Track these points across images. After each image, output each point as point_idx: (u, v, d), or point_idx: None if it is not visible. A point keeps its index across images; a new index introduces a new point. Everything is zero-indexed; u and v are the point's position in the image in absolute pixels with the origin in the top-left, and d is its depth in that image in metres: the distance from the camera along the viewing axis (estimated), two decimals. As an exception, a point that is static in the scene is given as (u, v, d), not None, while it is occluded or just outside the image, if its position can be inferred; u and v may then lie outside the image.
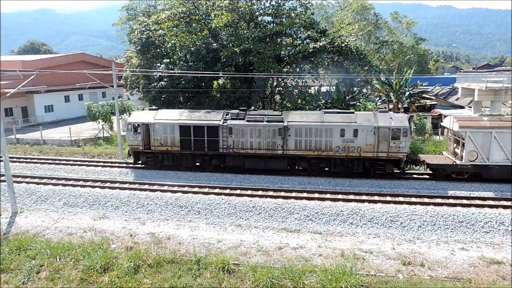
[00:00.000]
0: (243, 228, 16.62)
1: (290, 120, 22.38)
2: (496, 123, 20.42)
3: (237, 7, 31.57)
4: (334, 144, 21.67)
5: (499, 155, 20.18)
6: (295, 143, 22.15)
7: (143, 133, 23.89)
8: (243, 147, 22.83)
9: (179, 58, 32.79)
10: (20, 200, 19.54)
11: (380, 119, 21.57)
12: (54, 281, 13.41)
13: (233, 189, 20.01)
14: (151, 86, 31.94)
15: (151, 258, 14.13)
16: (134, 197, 19.26)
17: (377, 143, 21.18)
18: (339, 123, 21.70)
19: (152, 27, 34.17)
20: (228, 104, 30.69)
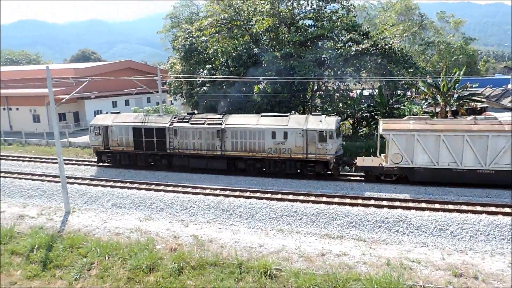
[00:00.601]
0: (285, 233, 16.51)
1: (228, 123, 23.64)
2: (419, 126, 20.45)
3: (278, 12, 31.69)
4: (267, 145, 22.66)
5: (423, 158, 20.28)
6: (232, 144, 23.40)
7: (103, 135, 26.06)
8: (187, 148, 24.47)
9: (220, 63, 33.38)
10: (73, 200, 20.61)
11: (310, 122, 22.22)
12: (104, 279, 13.99)
13: (274, 194, 19.98)
14: (193, 91, 32.73)
15: (194, 260, 14.39)
16: (178, 200, 19.73)
17: (306, 145, 21.87)
18: (271, 126, 22.65)
19: (195, 34, 35.08)
20: (268, 108, 30.79)
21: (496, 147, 19.34)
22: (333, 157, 21.77)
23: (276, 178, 22.95)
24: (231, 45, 33.23)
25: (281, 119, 22.96)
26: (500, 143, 19.30)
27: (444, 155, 20.01)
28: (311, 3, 32.68)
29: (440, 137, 19.87)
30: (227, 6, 33.21)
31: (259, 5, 32.43)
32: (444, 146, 19.89)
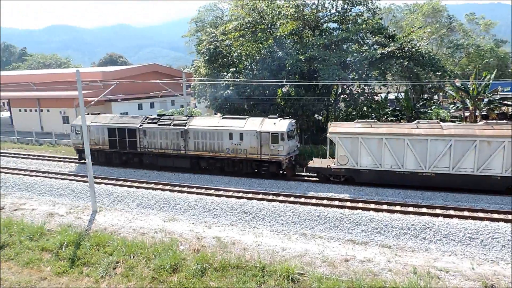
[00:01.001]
0: (308, 237, 16.37)
1: (191, 124, 25.16)
2: (363, 130, 21.23)
3: (303, 15, 31.61)
4: (225, 146, 24.02)
5: (368, 160, 21.05)
6: (194, 144, 24.93)
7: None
8: (155, 147, 26.16)
9: (244, 66, 33.55)
10: (100, 200, 21.13)
11: (264, 124, 23.36)
12: (129, 277, 14.26)
13: (297, 197, 19.89)
14: (217, 94, 33.00)
15: (217, 262, 14.47)
16: (201, 201, 19.91)
17: (260, 146, 23.05)
18: (228, 127, 23.97)
19: (219, 37, 35.41)
20: (292, 111, 30.68)
21: (436, 151, 19.88)
22: (285, 157, 22.77)
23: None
24: (255, 49, 33.34)
25: (238, 121, 24.27)
26: (439, 147, 19.82)
27: (387, 158, 20.78)
28: (336, 6, 32.43)
29: (382, 140, 20.65)
30: (252, 10, 33.37)
31: (284, 8, 32.43)
32: (386, 149, 20.67)
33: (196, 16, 66.07)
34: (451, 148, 19.60)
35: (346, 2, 31.68)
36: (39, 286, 14.18)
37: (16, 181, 24.72)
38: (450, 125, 21.18)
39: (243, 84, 31.18)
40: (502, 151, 18.95)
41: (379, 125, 21.80)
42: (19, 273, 14.96)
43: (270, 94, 32.10)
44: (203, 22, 64.08)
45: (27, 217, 19.55)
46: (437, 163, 19.99)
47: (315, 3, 32.66)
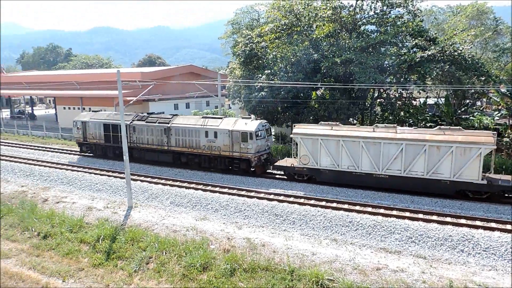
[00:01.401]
0: (339, 243, 16.12)
1: (174, 122, 27.17)
2: (323, 131, 22.31)
3: (340, 17, 31.22)
4: (201, 143, 25.95)
5: (327, 160, 22.17)
6: (176, 141, 26.99)
7: (83, 129, 31.28)
8: (143, 143, 28.47)
9: (279, 69, 33.53)
10: (135, 196, 21.82)
11: (237, 124, 24.94)
12: (160, 273, 14.63)
13: (329, 202, 19.63)
14: (251, 96, 33.18)
15: (246, 263, 14.54)
16: (233, 202, 20.09)
17: (232, 144, 24.70)
18: (205, 126, 25.81)
19: (255, 39, 35.62)
20: (326, 115, 30.34)
21: (389, 154, 20.61)
22: (254, 155, 24.22)
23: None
24: (290, 51, 33.25)
25: (214, 121, 26.11)
26: (392, 150, 20.54)
27: (344, 159, 21.84)
28: (374, 8, 31.77)
29: (340, 142, 21.73)
30: (288, 12, 33.34)
31: (321, 10, 32.17)
32: (344, 150, 21.73)
33: (233, 18, 66.88)
34: (402, 151, 20.32)
35: (385, 4, 30.95)
36: (77, 276, 14.81)
37: (59, 175, 26.01)
38: (405, 129, 21.60)
39: (277, 86, 31.17)
40: (450, 156, 19.47)
41: (339, 128, 22.74)
42: (59, 262, 15.71)
43: (304, 97, 31.90)
44: (240, 24, 64.75)
45: (68, 210, 20.51)
46: (390, 166, 20.78)
47: (352, 5, 32.16)
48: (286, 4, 33.52)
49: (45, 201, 22.10)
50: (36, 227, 18.36)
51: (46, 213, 19.68)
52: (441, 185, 19.97)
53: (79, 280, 14.61)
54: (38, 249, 16.79)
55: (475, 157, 19.00)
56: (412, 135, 20.48)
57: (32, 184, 25.11)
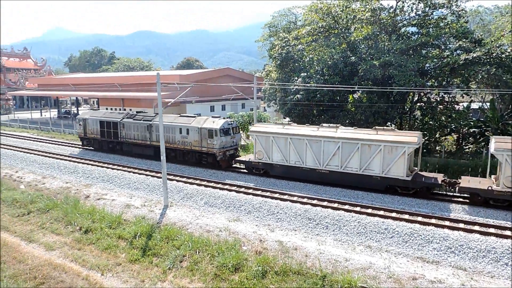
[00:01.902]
0: (373, 250, 15.73)
1: (155, 120, 30.11)
2: (275, 130, 24.57)
3: (379, 19, 30.57)
4: (177, 139, 28.94)
5: (278, 156, 24.34)
6: (156, 136, 29.77)
7: (83, 125, 35.11)
8: (131, 138, 31.84)
9: (315, 71, 33.31)
10: (171, 196, 22.38)
11: (206, 122, 27.76)
12: (193, 271, 14.91)
13: (364, 207, 19.21)
14: (287, 99, 33.14)
15: (278, 265, 14.52)
16: (266, 204, 20.13)
17: (201, 140, 27.50)
18: (179, 123, 28.78)
19: (291, 42, 35.60)
20: (363, 119, 29.74)
21: (328, 151, 22.53)
22: (219, 150, 26.88)
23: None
24: (327, 54, 32.95)
25: (187, 119, 28.98)
26: (331, 148, 22.45)
27: (292, 155, 23.94)
28: (416, 10, 30.83)
29: (287, 139, 23.86)
30: (326, 15, 33.07)
31: (359, 12, 31.66)
32: (291, 147, 23.80)
33: (270, 21, 67.11)
34: (339, 149, 22.18)
35: (427, 5, 29.97)
36: (115, 270, 15.40)
37: (100, 173, 27.18)
38: (345, 129, 23.17)
39: (313, 89, 30.96)
40: (379, 154, 21.06)
41: (289, 127, 24.72)
42: (98, 256, 16.40)
43: (341, 100, 31.45)
44: (277, 27, 64.88)
45: (108, 206, 21.38)
46: (329, 162, 22.70)
47: (393, 7, 31.39)
48: (324, 6, 33.27)
49: (87, 197, 23.15)
50: (78, 222, 19.27)
51: (88, 209, 20.61)
52: (373, 181, 21.67)
53: (117, 274, 15.17)
54: (79, 243, 17.62)
55: (400, 155, 20.52)
56: (348, 134, 22.22)
57: (76, 181, 26.40)
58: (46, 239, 18.12)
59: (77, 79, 65.95)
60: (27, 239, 18.26)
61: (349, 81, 30.51)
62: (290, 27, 59.40)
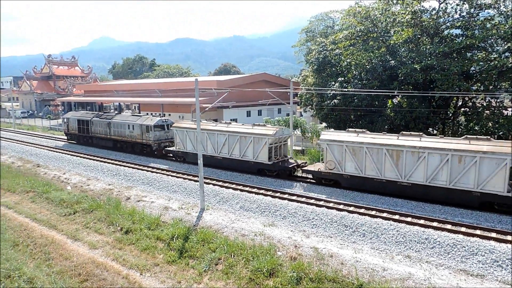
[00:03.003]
0: (413, 260, 15.18)
1: (114, 119, 38.19)
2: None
3: (420, 22, 29.66)
4: (127, 133, 36.77)
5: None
6: (114, 132, 38.19)
7: (67, 123, 44.71)
8: (97, 133, 40.47)
9: (353, 76, 32.79)
10: (207, 199, 22.77)
11: (146, 120, 35.11)
12: (228, 275, 15.04)
13: (403, 216, 18.61)
14: (324, 104, 32.82)
15: (313, 272, 14.36)
16: (301, 210, 19.99)
17: (142, 134, 34.95)
18: (128, 121, 36.49)
19: (329, 47, 35.28)
20: (403, 124, 28.88)
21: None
22: (154, 142, 34.22)
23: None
24: (365, 58, 32.35)
25: (135, 118, 36.68)
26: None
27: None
28: (460, 11, 29.63)
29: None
30: (364, 18, 32.53)
31: (399, 15, 30.88)
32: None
33: (307, 26, 66.92)
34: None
35: (472, 6, 28.72)
36: (153, 270, 15.86)
37: (140, 176, 28.16)
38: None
39: (351, 94, 30.47)
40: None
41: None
42: (137, 256, 16.96)
43: (379, 105, 30.73)
44: (314, 32, 64.55)
45: (147, 208, 22.09)
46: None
47: (435, 9, 30.37)
48: (362, 10, 32.76)
49: (128, 199, 24.03)
50: (120, 223, 20.03)
51: (128, 210, 21.38)
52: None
53: (154, 274, 15.61)
54: (120, 243, 18.30)
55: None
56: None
57: (118, 183, 27.50)
58: (90, 238, 18.97)
59: (120, 86, 68.84)
60: (72, 237, 19.21)
61: (388, 85, 29.75)
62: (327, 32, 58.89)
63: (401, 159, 21.08)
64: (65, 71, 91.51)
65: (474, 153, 19.01)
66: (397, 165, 21.26)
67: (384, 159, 21.66)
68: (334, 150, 23.51)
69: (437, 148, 20.02)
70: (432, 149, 20.09)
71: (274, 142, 26.44)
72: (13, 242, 18.62)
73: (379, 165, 21.93)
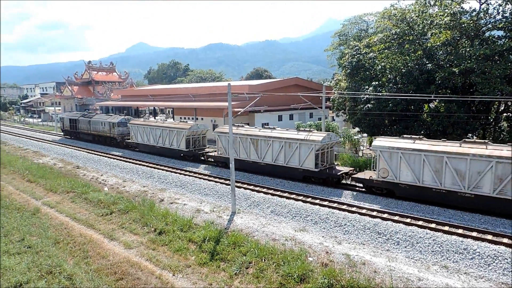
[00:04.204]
0: (450, 271, 14.59)
1: (92, 118, 48.83)
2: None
3: (459, 24, 28.60)
4: (101, 129, 47.15)
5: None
6: (93, 128, 48.60)
7: (62, 122, 56.70)
8: (82, 129, 51.16)
9: (388, 80, 32.05)
10: (238, 203, 22.93)
11: (113, 119, 45.71)
12: (259, 279, 15.05)
13: (440, 224, 17.94)
14: (357, 108, 32.27)
15: (344, 279, 14.11)
16: (333, 216, 19.72)
17: (110, 129, 45.48)
18: (101, 119, 47.00)
19: (363, 50, 34.71)
20: (440, 129, 27.89)
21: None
22: (118, 136, 44.19)
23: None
24: (400, 61, 31.56)
25: (108, 117, 47.04)
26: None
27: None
28: (502, 12, 28.34)
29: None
30: (400, 21, 31.77)
31: (437, 17, 29.93)
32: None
33: (340, 30, 66.17)
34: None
35: (516, 6, 27.41)
36: (185, 272, 16.14)
37: (174, 179, 28.78)
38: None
39: (385, 98, 29.78)
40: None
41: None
42: (170, 257, 17.31)
43: (415, 110, 29.85)
44: (347, 36, 63.76)
45: (180, 210, 22.53)
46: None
47: (475, 10, 29.21)
48: (397, 12, 32.03)
49: (161, 201, 24.62)
50: (153, 224, 20.55)
51: (162, 211, 21.89)
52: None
53: (186, 276, 15.87)
54: (154, 244, 18.76)
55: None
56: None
57: (152, 185, 28.24)
58: (125, 238, 19.57)
59: (155, 90, 70.79)
60: (109, 237, 19.90)
61: (424, 89, 28.86)
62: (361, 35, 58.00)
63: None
64: (103, 77, 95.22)
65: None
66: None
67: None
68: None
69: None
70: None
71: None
72: (55, 240, 19.51)
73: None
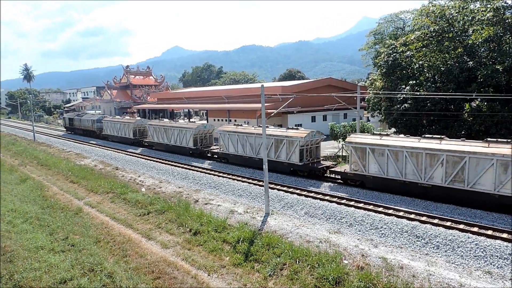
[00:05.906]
0: (494, 277, 13.91)
1: (83, 117, 63.57)
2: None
3: (503, 19, 27.26)
4: (87, 125, 61.41)
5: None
6: (83, 125, 62.91)
7: (65, 120, 72.32)
8: (76, 126, 65.49)
9: (426, 79, 31.04)
10: (272, 204, 22.96)
11: (95, 118, 59.92)
12: (293, 281, 15.00)
13: (483, 228, 17.15)
14: (393, 108, 31.47)
15: (381, 283, 13.80)
16: (368, 218, 19.33)
17: (92, 125, 60.29)
18: (87, 118, 62.09)
19: (399, 49, 33.82)
20: (482, 130, 26.67)
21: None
22: (97, 130, 57.98)
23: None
24: (440, 59, 30.47)
25: (92, 116, 61.71)
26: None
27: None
28: (551, 4, 26.76)
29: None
30: (439, 18, 30.69)
31: (479, 13, 28.67)
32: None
33: (375, 28, 64.80)
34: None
35: None
36: (220, 272, 16.37)
37: (208, 180, 29.26)
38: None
39: (423, 98, 28.84)
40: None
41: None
42: (205, 258, 17.62)
43: (455, 109, 28.70)
44: (383, 34, 62.32)
45: (214, 211, 22.87)
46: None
47: (521, 3, 27.74)
48: (436, 9, 30.97)
49: (196, 201, 25.09)
50: (189, 224, 20.98)
51: (197, 212, 22.30)
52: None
53: (221, 276, 16.09)
54: (189, 244, 19.15)
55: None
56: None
57: (187, 186, 28.85)
58: (162, 238, 20.11)
59: (189, 93, 72.30)
60: (146, 236, 20.52)
61: (465, 88, 27.70)
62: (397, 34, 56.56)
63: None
64: (140, 81, 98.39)
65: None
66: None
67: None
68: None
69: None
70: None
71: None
72: (96, 239, 20.37)
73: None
